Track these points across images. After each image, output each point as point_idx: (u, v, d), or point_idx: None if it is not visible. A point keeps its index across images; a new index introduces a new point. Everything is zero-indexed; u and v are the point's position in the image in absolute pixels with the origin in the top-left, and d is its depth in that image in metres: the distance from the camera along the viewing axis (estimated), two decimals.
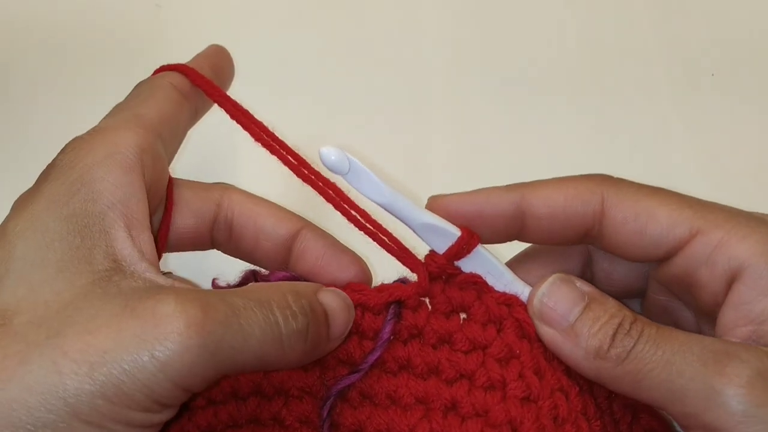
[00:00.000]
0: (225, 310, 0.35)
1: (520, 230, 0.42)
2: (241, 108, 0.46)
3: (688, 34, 0.79)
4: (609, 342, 0.38)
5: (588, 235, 0.42)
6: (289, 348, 0.37)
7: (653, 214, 0.40)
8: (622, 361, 0.37)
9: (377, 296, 0.42)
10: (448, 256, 0.41)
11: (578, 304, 0.39)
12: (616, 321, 0.38)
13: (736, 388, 0.35)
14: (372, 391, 0.42)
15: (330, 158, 0.39)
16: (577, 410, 0.40)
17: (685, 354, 0.36)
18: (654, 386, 0.37)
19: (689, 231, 0.39)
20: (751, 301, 0.38)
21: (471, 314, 0.42)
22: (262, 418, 0.43)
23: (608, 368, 0.38)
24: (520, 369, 0.40)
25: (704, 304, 0.40)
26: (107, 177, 0.38)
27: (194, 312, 0.34)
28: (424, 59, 0.77)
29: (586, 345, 0.38)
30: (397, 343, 0.42)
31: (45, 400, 0.32)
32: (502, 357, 0.40)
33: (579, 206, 0.41)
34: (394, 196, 0.40)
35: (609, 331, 0.38)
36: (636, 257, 0.42)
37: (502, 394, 0.40)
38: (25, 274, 0.36)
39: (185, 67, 0.47)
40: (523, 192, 0.42)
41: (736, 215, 0.39)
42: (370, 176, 0.39)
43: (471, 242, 0.41)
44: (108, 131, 0.41)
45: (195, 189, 0.46)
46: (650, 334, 0.37)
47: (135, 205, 0.39)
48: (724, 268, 0.38)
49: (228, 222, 0.45)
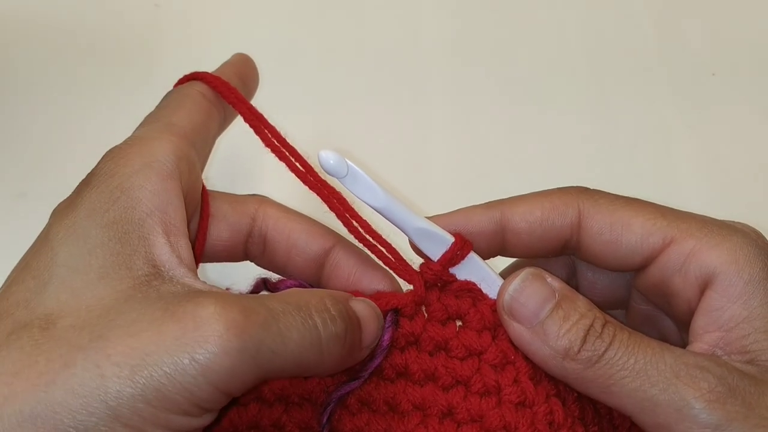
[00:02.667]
0: (264, 314, 0.35)
1: (502, 246, 0.43)
2: (257, 113, 0.47)
3: (688, 34, 0.79)
4: (579, 344, 0.38)
5: (567, 247, 0.43)
6: (327, 352, 0.37)
7: (628, 224, 0.41)
8: (592, 364, 0.37)
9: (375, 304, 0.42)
10: (442, 263, 0.42)
11: (549, 302, 0.39)
12: (586, 322, 0.38)
13: (708, 402, 0.35)
14: (370, 397, 0.42)
15: (329, 162, 0.40)
16: (574, 415, 0.40)
17: (657, 364, 0.37)
18: (624, 394, 0.37)
19: (663, 240, 0.40)
20: (721, 308, 0.38)
21: (466, 321, 0.42)
22: (263, 425, 0.43)
23: (576, 370, 0.38)
24: (515, 374, 0.40)
25: (679, 312, 0.41)
26: (146, 185, 0.39)
27: (234, 315, 0.34)
28: (424, 58, 0.77)
29: (554, 345, 0.38)
30: (394, 350, 0.42)
31: (87, 403, 0.33)
32: (497, 363, 0.41)
33: (556, 219, 0.42)
34: (390, 200, 0.41)
35: (580, 333, 0.38)
36: (613, 266, 0.42)
37: (497, 400, 0.40)
38: (68, 279, 0.36)
39: (212, 76, 0.47)
40: (502, 209, 0.43)
41: (709, 224, 0.40)
42: (367, 180, 0.40)
43: (464, 248, 0.42)
44: (145, 140, 0.41)
45: (231, 202, 0.46)
46: (622, 340, 0.38)
47: (173, 212, 0.39)
48: (696, 275, 0.39)
49: (262, 236, 0.46)
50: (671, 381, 0.36)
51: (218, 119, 0.47)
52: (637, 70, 0.77)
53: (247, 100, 0.48)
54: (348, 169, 0.40)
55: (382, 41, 0.78)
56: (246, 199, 0.47)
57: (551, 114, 0.74)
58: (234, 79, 0.48)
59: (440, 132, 0.73)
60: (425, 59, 0.77)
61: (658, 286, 0.41)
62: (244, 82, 0.50)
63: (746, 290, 0.38)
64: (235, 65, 0.51)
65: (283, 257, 0.46)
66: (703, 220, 0.40)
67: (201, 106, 0.45)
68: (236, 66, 0.51)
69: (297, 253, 0.45)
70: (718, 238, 0.39)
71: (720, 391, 0.36)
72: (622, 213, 0.41)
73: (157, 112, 0.45)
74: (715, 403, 0.35)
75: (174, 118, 0.44)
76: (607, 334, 0.38)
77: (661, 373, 0.36)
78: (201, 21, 0.79)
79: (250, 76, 0.51)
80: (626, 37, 0.79)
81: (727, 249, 0.39)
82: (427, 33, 0.79)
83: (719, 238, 0.39)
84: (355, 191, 0.40)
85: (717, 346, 0.38)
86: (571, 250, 0.43)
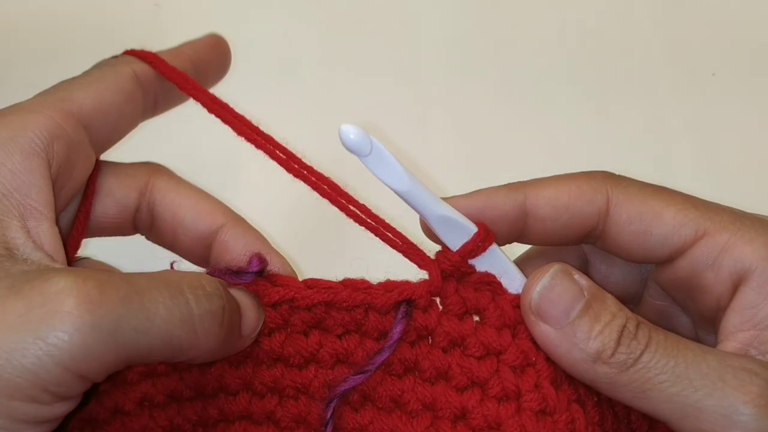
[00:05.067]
0: (125, 289, 0.32)
1: (521, 232, 0.40)
2: (220, 102, 0.43)
3: (688, 34, 0.79)
4: (614, 346, 0.35)
5: (590, 236, 0.40)
6: (202, 332, 0.34)
7: (659, 214, 0.38)
8: (627, 368, 0.35)
9: (384, 295, 0.39)
10: (462, 253, 0.39)
11: (579, 301, 0.36)
12: (619, 322, 0.36)
13: (757, 408, 0.33)
14: (375, 393, 0.40)
15: (349, 137, 0.35)
16: (594, 422, 0.38)
17: (700, 367, 0.34)
18: (663, 399, 0.35)
19: (695, 232, 0.38)
20: (756, 305, 0.37)
21: (485, 317, 0.39)
22: (255, 416, 0.41)
23: (609, 374, 0.35)
24: (536, 378, 0.37)
25: (706, 308, 0.39)
26: (6, 162, 0.36)
27: (87, 289, 0.31)
28: (424, 58, 0.77)
29: (585, 347, 0.36)
30: (403, 344, 0.40)
31: None
32: (517, 365, 0.38)
33: (584, 205, 0.39)
34: (414, 184, 0.37)
35: (613, 335, 0.36)
36: (638, 258, 0.40)
37: (516, 406, 0.37)
38: None
39: (153, 56, 0.44)
40: (526, 192, 0.40)
41: (742, 217, 0.38)
42: (392, 161, 0.36)
43: (487, 240, 0.39)
44: (20, 113, 0.38)
45: (120, 176, 0.43)
46: (659, 342, 0.35)
47: (35, 194, 0.36)
48: (730, 270, 0.37)
49: (150, 211, 0.43)
50: (717, 385, 0.34)
51: (143, 103, 0.43)
52: (637, 70, 0.77)
53: (204, 86, 0.44)
54: (372, 147, 0.35)
55: (382, 41, 0.78)
56: (136, 171, 0.43)
57: (551, 114, 0.74)
58: (186, 62, 0.45)
59: (440, 132, 0.72)
60: (425, 59, 0.77)
61: (685, 280, 0.39)
62: (198, 67, 0.45)
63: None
64: (195, 48, 0.46)
65: (169, 235, 0.43)
66: (735, 213, 0.38)
67: (121, 86, 0.42)
68: (196, 49, 0.46)
69: (183, 232, 0.42)
70: (752, 232, 0.37)
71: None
72: (653, 202, 0.39)
73: (68, 80, 0.42)
74: (765, 408, 0.33)
75: (77, 93, 0.40)
76: (643, 336, 0.36)
77: (705, 377, 0.34)
78: (201, 21, 0.78)
79: (211, 60, 0.47)
80: (626, 37, 0.79)
81: (762, 244, 0.37)
82: (426, 33, 0.79)
83: (753, 232, 0.37)
84: (376, 172, 0.36)
85: (751, 345, 0.36)
86: (592, 239, 0.40)
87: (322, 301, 0.40)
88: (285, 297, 0.40)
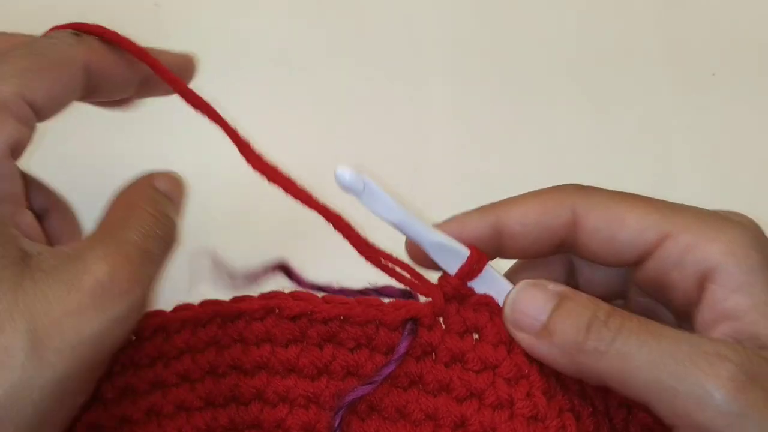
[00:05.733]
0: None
1: (499, 249, 0.43)
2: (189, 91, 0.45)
3: (688, 34, 0.79)
4: (584, 334, 0.38)
5: (563, 245, 0.43)
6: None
7: (622, 220, 0.41)
8: (602, 355, 0.37)
9: (394, 312, 0.42)
10: (460, 276, 0.42)
11: (548, 304, 0.39)
12: (588, 313, 0.38)
13: (728, 391, 0.35)
14: (381, 404, 0.42)
15: (344, 178, 0.38)
16: (588, 431, 0.41)
17: (674, 353, 0.36)
18: (641, 384, 0.37)
19: (658, 235, 0.40)
20: (725, 299, 0.38)
21: (483, 335, 0.42)
22: (265, 425, 0.43)
23: (589, 363, 0.37)
24: (528, 388, 0.40)
25: (678, 305, 0.41)
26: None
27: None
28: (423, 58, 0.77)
29: (561, 341, 0.38)
30: (409, 359, 0.42)
31: None
32: (511, 377, 0.41)
33: (551, 220, 0.42)
34: (407, 215, 0.40)
35: (582, 323, 0.38)
36: (611, 263, 0.42)
37: (509, 413, 0.40)
38: None
39: (111, 32, 0.47)
40: (496, 213, 0.42)
41: (705, 217, 0.40)
42: (384, 197, 0.39)
43: (480, 261, 0.42)
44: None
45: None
46: (632, 329, 0.37)
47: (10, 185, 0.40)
48: (694, 269, 0.39)
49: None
50: (690, 370, 0.36)
51: (77, 82, 0.43)
52: (637, 69, 0.77)
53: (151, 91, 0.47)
54: (365, 185, 0.39)
55: (382, 41, 0.78)
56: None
57: (551, 113, 0.74)
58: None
59: (440, 132, 0.73)
60: (425, 59, 0.77)
61: (656, 280, 0.41)
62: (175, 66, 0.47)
63: (748, 280, 0.38)
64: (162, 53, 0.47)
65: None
66: (698, 213, 0.40)
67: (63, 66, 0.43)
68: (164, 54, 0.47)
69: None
70: (714, 231, 0.39)
71: (741, 379, 0.35)
72: (617, 209, 0.41)
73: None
74: (735, 391, 0.35)
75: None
76: (614, 323, 0.38)
77: (679, 363, 0.36)
78: (201, 21, 0.79)
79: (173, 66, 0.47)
80: (626, 36, 0.79)
81: (724, 242, 0.39)
82: (426, 32, 0.79)
83: (715, 231, 0.39)
84: (371, 207, 0.40)
85: (731, 336, 0.38)
86: (568, 248, 0.43)
87: (338, 315, 0.43)
88: (305, 310, 0.43)
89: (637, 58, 0.78)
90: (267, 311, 0.44)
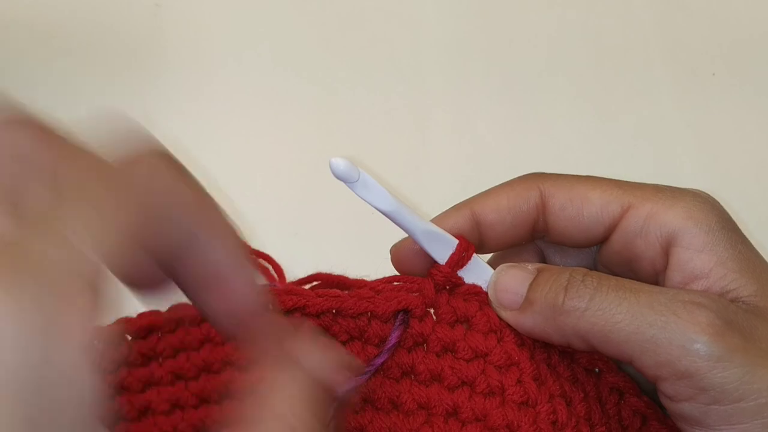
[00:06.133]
0: None
1: (479, 242, 0.44)
2: None
3: (688, 34, 0.79)
4: (563, 294, 0.39)
5: (536, 229, 0.44)
6: None
7: (586, 197, 0.42)
8: (582, 312, 0.38)
9: (385, 304, 0.43)
10: (450, 265, 0.43)
11: (527, 279, 0.41)
12: (564, 276, 0.40)
13: (708, 335, 0.36)
14: (374, 395, 0.43)
15: (339, 167, 0.40)
16: (580, 415, 0.41)
17: (652, 304, 0.38)
18: (623, 339, 0.38)
19: (621, 207, 0.42)
20: (690, 260, 0.40)
21: (473, 324, 0.43)
22: None
23: (570, 323, 0.39)
24: (518, 375, 0.41)
25: (646, 275, 0.42)
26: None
27: None
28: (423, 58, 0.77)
29: (542, 308, 0.40)
30: (401, 350, 0.43)
31: None
32: (501, 364, 0.41)
33: (522, 204, 0.43)
34: (399, 205, 0.41)
35: (561, 285, 0.39)
36: (580, 242, 0.44)
37: (500, 399, 0.41)
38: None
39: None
40: (471, 206, 0.44)
41: (662, 189, 0.42)
42: (378, 187, 0.41)
43: (469, 250, 0.43)
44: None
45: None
46: (610, 286, 0.39)
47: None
48: (657, 236, 0.41)
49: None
50: (670, 319, 0.37)
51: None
52: (638, 69, 0.77)
53: None
54: (359, 175, 0.40)
55: (382, 41, 0.78)
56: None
57: (551, 113, 0.74)
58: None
59: (439, 131, 0.73)
60: (424, 58, 0.77)
61: (621, 253, 0.43)
62: None
63: (709, 239, 0.40)
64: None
65: None
66: (656, 187, 0.43)
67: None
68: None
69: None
70: (672, 199, 0.41)
71: (718, 324, 0.37)
72: (580, 187, 0.43)
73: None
74: (714, 335, 0.36)
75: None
76: (591, 282, 0.39)
77: (658, 313, 0.37)
78: (202, 21, 0.79)
79: None
80: (626, 36, 0.79)
81: (681, 207, 0.41)
82: (426, 32, 0.79)
83: (673, 199, 0.41)
84: (364, 197, 0.41)
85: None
86: (540, 233, 0.45)
87: (330, 309, 0.44)
88: (298, 304, 0.44)
89: (637, 58, 0.78)
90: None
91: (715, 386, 0.36)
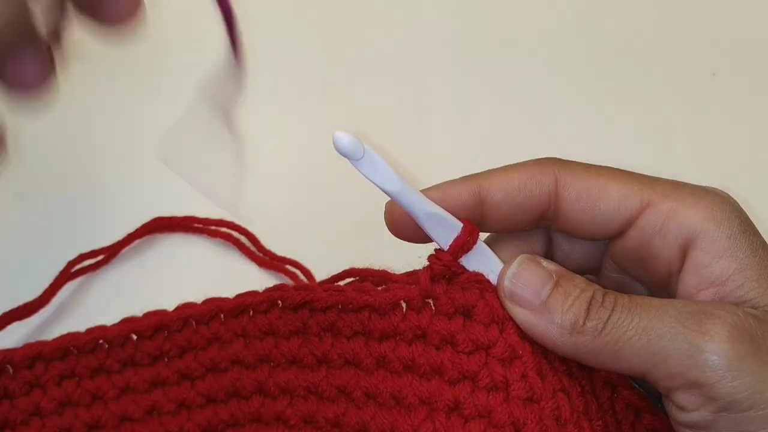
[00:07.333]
0: None
1: (481, 220, 0.43)
2: None
3: (688, 34, 0.79)
4: (584, 315, 0.38)
5: (544, 217, 0.43)
6: None
7: (605, 189, 0.41)
8: (599, 332, 0.38)
9: (382, 296, 0.42)
10: (452, 251, 0.41)
11: (548, 283, 0.40)
12: (588, 294, 0.39)
13: (717, 344, 0.36)
14: (377, 390, 0.42)
15: (342, 142, 0.38)
16: (579, 410, 0.40)
17: (662, 317, 0.37)
18: (634, 353, 0.37)
19: (640, 203, 0.40)
20: (709, 264, 0.39)
21: (473, 315, 0.41)
22: (266, 418, 0.43)
23: (585, 342, 0.38)
24: (523, 369, 0.40)
25: (659, 275, 0.41)
26: None
27: None
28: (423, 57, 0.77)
29: (560, 321, 0.39)
30: (401, 343, 0.42)
31: None
32: (504, 357, 0.40)
33: (534, 188, 0.42)
34: (404, 185, 0.40)
35: (583, 305, 0.38)
36: (591, 235, 0.42)
37: (505, 395, 0.39)
38: None
39: None
40: (479, 181, 0.42)
41: (682, 186, 0.41)
42: (383, 165, 0.39)
43: (473, 234, 0.41)
44: None
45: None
46: (624, 304, 0.38)
47: None
48: (676, 235, 0.40)
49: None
50: (678, 330, 0.36)
51: None
52: (637, 69, 0.77)
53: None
54: (364, 152, 0.38)
55: (382, 40, 0.78)
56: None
57: (550, 113, 0.74)
58: None
59: (439, 131, 0.73)
60: (424, 58, 0.77)
61: (636, 250, 0.41)
62: None
63: (730, 244, 0.39)
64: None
65: None
66: (675, 183, 0.41)
67: None
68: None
69: None
70: (693, 198, 0.40)
71: (729, 333, 0.36)
72: (598, 179, 0.41)
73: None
74: (724, 344, 0.36)
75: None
76: (609, 302, 0.38)
77: (667, 325, 0.37)
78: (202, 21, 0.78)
79: None
80: (626, 36, 0.79)
81: (703, 207, 0.39)
82: (426, 31, 0.79)
83: (694, 198, 0.40)
84: (368, 175, 0.39)
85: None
86: (548, 221, 0.43)
87: (336, 303, 0.43)
88: (306, 299, 0.44)
89: (637, 58, 0.78)
90: (271, 303, 0.44)
91: (726, 395, 0.36)
